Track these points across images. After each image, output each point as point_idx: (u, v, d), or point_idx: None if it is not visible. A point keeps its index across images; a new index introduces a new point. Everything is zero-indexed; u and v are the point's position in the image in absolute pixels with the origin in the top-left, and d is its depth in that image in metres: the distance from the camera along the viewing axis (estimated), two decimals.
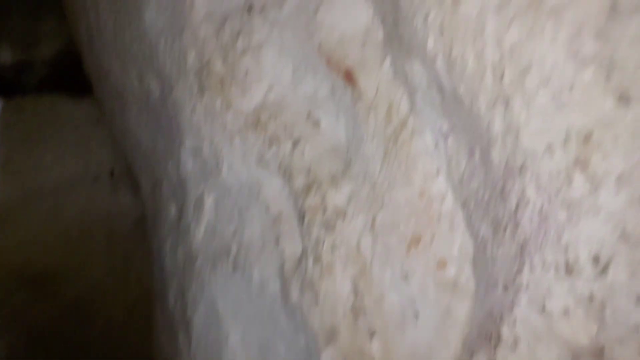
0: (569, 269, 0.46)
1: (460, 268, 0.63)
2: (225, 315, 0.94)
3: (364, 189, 0.73)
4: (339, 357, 0.71)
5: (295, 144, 0.81)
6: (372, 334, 0.69)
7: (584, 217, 0.45)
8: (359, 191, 0.74)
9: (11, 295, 1.85)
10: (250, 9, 0.77)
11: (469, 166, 0.59)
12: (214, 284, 0.95)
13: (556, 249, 0.47)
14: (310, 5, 0.71)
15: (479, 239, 0.59)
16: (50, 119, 2.12)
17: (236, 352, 0.92)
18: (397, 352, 0.67)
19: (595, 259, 0.45)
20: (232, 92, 0.83)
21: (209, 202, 0.99)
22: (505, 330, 0.51)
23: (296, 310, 0.78)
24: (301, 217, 0.80)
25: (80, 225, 2.05)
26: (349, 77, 0.71)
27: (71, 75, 2.01)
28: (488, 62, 0.46)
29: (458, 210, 0.64)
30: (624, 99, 0.39)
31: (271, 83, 0.81)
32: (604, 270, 0.45)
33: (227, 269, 0.92)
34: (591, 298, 0.46)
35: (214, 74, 0.83)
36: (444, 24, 0.48)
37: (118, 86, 1.13)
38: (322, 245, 0.75)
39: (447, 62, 0.50)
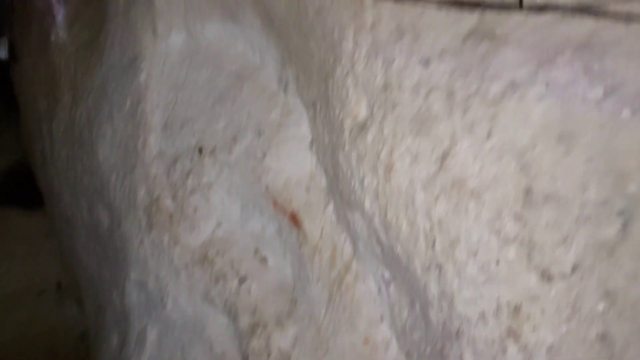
0: None
1: None
2: None
3: (309, 332, 0.72)
4: None
5: (241, 281, 0.80)
6: None
7: None
8: (304, 334, 0.72)
9: None
10: (200, 150, 0.79)
11: (410, 316, 0.59)
12: None
13: None
14: (258, 151, 0.74)
15: None
16: None
17: None
18: None
19: None
20: (181, 228, 0.83)
21: (152, 336, 0.94)
22: None
23: None
24: (245, 359, 0.76)
25: (21, 341, 1.93)
26: (295, 220, 0.72)
27: (24, 188, 1.98)
28: (420, 230, 0.47)
29: (402, 358, 0.63)
30: (546, 276, 0.41)
31: (219, 220, 0.81)
32: None
33: None
34: None
35: (163, 210, 0.83)
36: (378, 189, 0.50)
37: (67, 212, 1.11)
38: None
39: (383, 223, 0.52)
